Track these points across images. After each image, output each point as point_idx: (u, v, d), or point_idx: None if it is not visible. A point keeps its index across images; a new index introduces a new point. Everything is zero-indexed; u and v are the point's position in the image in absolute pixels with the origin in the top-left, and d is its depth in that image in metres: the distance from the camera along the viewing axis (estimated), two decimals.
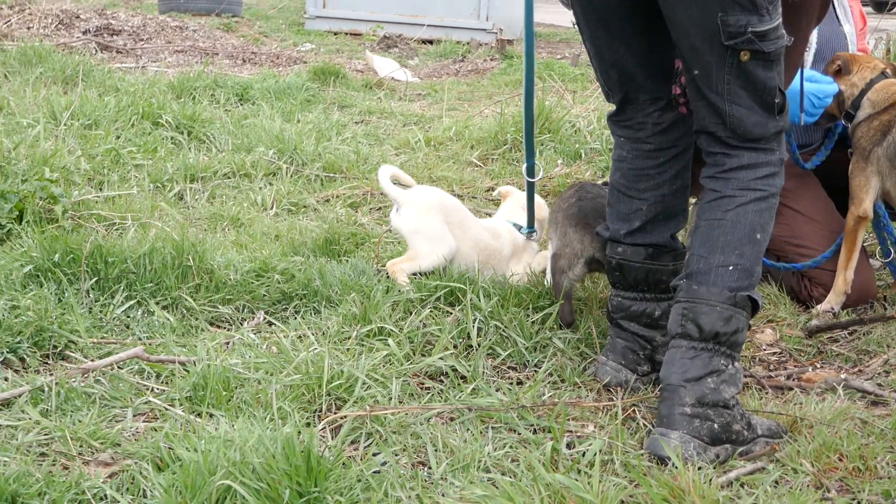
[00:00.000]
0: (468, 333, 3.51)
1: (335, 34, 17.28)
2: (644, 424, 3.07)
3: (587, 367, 3.46)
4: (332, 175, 6.15)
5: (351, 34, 17.26)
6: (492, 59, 13.52)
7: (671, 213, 3.38)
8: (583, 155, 6.57)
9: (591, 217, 3.67)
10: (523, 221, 4.32)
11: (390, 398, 3.05)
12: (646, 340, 3.40)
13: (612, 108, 3.43)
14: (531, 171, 3.97)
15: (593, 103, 7.93)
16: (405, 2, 17.16)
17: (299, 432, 2.62)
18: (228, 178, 5.97)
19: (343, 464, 2.61)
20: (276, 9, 22.52)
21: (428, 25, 16.45)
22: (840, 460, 2.83)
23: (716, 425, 2.88)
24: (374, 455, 2.74)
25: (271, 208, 5.40)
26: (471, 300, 3.62)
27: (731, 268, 2.96)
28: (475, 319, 3.55)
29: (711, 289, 2.95)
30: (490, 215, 5.02)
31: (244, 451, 2.48)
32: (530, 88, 3.85)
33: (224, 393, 2.98)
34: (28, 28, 11.85)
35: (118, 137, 6.32)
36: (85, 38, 11.63)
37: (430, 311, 3.64)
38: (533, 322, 3.63)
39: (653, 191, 3.34)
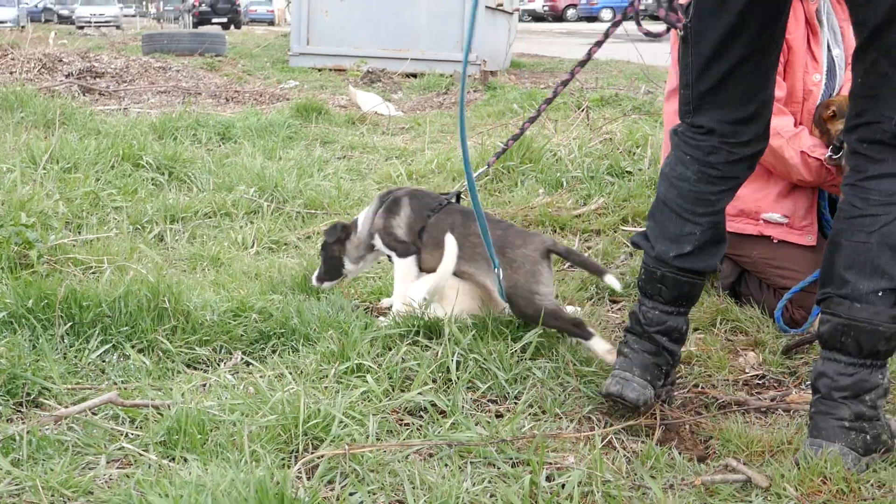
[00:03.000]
0: (447, 367, 3.48)
1: (319, 70, 17.36)
2: (625, 453, 3.03)
3: (567, 397, 3.42)
4: (313, 211, 6.13)
5: (335, 70, 17.34)
6: (475, 91, 13.56)
7: (720, 239, 3.32)
8: (564, 183, 6.55)
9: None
10: None
11: (368, 436, 3.01)
12: (671, 355, 3.39)
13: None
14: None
15: (575, 131, 7.93)
16: (389, 36, 17.27)
17: (273, 475, 2.58)
18: (209, 217, 5.95)
19: None
20: (260, 47, 22.65)
21: (412, 59, 16.52)
22: (824, 483, 2.80)
23: (868, 437, 2.94)
24: (351, 495, 2.70)
25: (252, 247, 5.37)
26: (450, 334, 3.58)
27: (880, 293, 2.90)
28: (454, 353, 3.51)
29: (869, 307, 2.91)
30: None
31: (216, 495, 2.44)
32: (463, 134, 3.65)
33: (199, 436, 2.93)
34: (11, 73, 11.86)
35: (98, 180, 6.31)
36: (67, 82, 11.65)
37: (409, 347, 3.61)
38: (513, 353, 3.59)
39: (709, 216, 3.25)
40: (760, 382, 3.79)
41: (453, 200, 4.16)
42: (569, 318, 3.69)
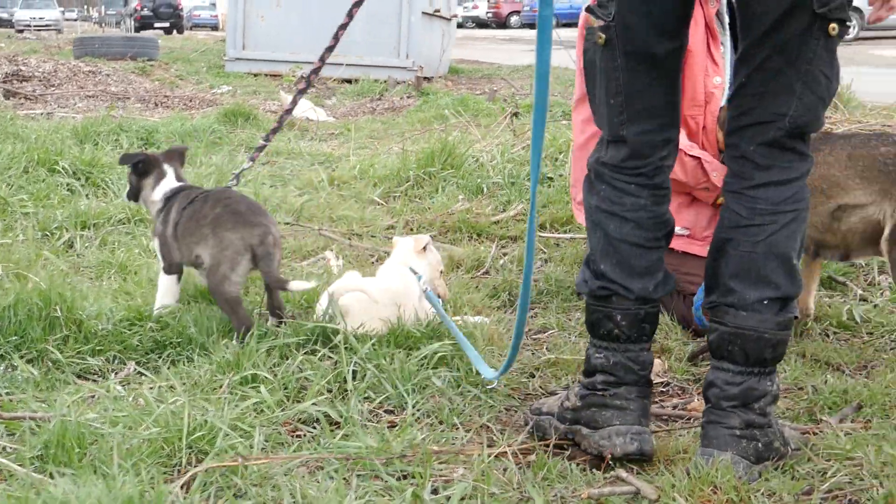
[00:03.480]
0: (344, 377, 3.41)
1: (255, 76, 17.25)
2: (517, 465, 2.97)
3: (466, 406, 3.37)
4: None
5: (271, 75, 17.24)
6: (409, 97, 13.53)
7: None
8: (485, 189, 6.52)
9: (246, 213, 3.90)
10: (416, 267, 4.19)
11: (253, 448, 2.93)
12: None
13: (609, 155, 3.07)
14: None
15: (501, 136, 7.90)
16: (324, 41, 17.09)
17: (143, 491, 2.49)
18: (123, 224, 5.84)
19: None
20: (198, 52, 22.43)
21: (347, 65, 16.41)
22: (714, 493, 2.76)
23: (760, 444, 2.91)
24: None
25: None
26: (347, 342, 3.52)
27: (765, 301, 2.89)
28: (351, 363, 3.44)
29: (755, 315, 2.90)
30: (388, 253, 4.95)
31: None
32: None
33: (78, 450, 2.84)
34: None
35: (10, 185, 6.17)
36: None
37: (307, 356, 3.53)
38: (413, 363, 3.53)
39: (668, 236, 3.12)
40: (665, 390, 3.76)
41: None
42: (242, 316, 3.81)
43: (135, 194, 4.31)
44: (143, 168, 4.24)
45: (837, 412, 3.39)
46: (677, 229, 4.32)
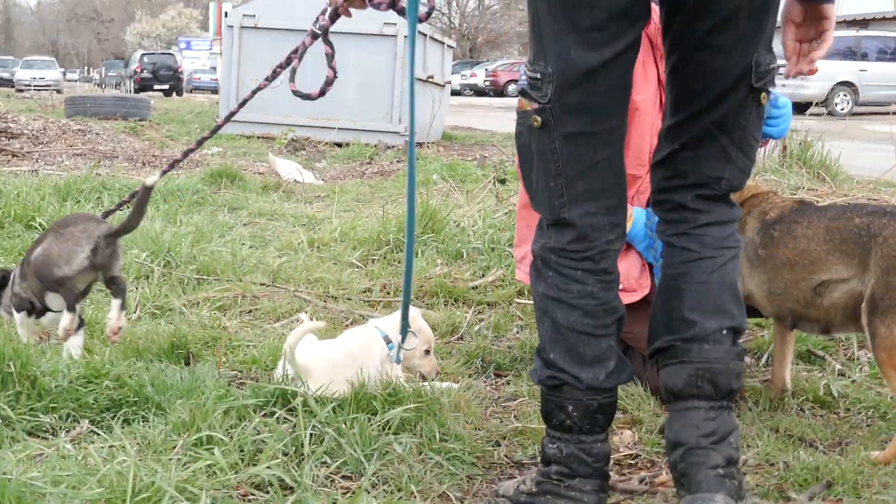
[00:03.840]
0: (302, 441, 3.31)
1: (248, 138, 17.29)
2: None
3: (427, 473, 3.27)
4: (205, 277, 5.97)
5: (263, 137, 17.27)
6: (398, 161, 13.53)
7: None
8: (464, 255, 6.46)
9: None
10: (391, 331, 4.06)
11: None
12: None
13: (551, 240, 2.96)
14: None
15: (485, 201, 7.87)
16: (317, 106, 17.13)
17: None
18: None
19: None
20: (193, 113, 22.53)
21: (339, 129, 16.45)
22: None
23: (737, 483, 2.84)
24: None
25: (134, 312, 5.19)
26: (305, 405, 3.42)
27: (724, 331, 2.90)
28: (309, 426, 3.35)
29: (718, 346, 2.89)
30: (364, 317, 4.88)
31: None
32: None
33: None
34: None
35: None
36: None
37: (266, 419, 3.44)
38: (375, 427, 3.44)
39: (618, 322, 2.99)
40: (633, 462, 3.66)
41: None
42: (72, 294, 4.00)
43: None
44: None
45: (807, 489, 3.30)
46: None
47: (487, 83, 57.57)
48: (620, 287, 4.23)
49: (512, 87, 55.41)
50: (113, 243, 4.07)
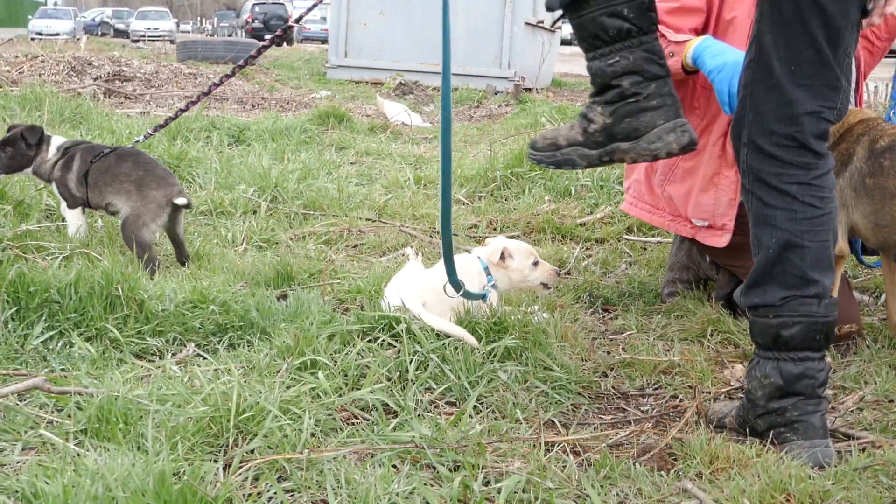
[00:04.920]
0: (406, 367, 3.27)
1: (356, 83, 17.26)
2: (575, 460, 2.80)
3: (532, 401, 3.21)
4: (311, 212, 5.97)
5: (372, 83, 17.23)
6: (507, 105, 13.38)
7: None
8: (572, 192, 6.35)
9: (161, 172, 4.71)
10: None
11: (304, 432, 2.80)
12: None
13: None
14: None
15: None
16: (426, 50, 17.05)
17: (179, 468, 2.39)
18: (205, 215, 5.82)
19: (231, 501, 2.38)
20: (302, 60, 22.63)
21: None
22: (787, 501, 2.56)
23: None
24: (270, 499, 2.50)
25: (241, 245, 5.21)
26: (410, 333, 3.38)
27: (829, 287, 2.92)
28: (413, 352, 3.31)
29: (834, 301, 2.90)
30: (468, 251, 4.83)
31: (109, 485, 2.25)
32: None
33: (123, 426, 2.75)
34: (39, 75, 11.82)
35: None
36: (94, 85, 11.58)
37: (369, 344, 3.40)
38: (480, 355, 3.38)
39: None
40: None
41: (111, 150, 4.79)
42: (148, 257, 4.43)
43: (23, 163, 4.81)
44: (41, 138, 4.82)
45: None
46: (695, 221, 4.14)
47: None
48: (707, 224, 4.13)
49: None
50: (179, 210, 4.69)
